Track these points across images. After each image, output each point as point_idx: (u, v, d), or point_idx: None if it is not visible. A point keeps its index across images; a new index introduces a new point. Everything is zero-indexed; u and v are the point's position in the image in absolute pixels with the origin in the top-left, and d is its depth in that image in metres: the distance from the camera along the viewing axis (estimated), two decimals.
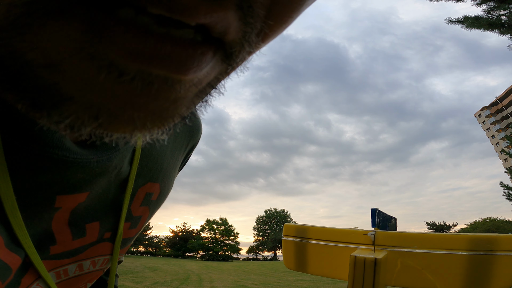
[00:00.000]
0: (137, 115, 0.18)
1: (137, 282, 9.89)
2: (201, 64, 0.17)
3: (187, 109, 0.21)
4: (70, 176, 0.29)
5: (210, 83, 0.21)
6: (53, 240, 0.32)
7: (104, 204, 0.36)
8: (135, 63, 0.15)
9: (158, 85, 0.17)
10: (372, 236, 1.29)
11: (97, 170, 0.31)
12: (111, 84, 0.16)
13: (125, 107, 0.17)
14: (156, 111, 0.18)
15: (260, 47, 0.21)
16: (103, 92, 0.16)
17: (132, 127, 0.18)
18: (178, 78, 0.17)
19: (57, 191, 0.30)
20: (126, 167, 0.37)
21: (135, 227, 0.43)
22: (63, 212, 0.32)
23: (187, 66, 0.17)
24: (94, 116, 0.17)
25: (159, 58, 0.16)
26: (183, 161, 0.53)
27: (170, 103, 0.19)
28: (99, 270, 0.41)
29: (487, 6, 8.50)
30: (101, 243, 0.38)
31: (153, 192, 0.43)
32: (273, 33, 0.21)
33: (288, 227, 1.43)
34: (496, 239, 1.16)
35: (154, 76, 0.16)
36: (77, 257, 0.36)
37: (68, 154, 0.28)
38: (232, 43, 0.18)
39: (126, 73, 0.16)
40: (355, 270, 1.20)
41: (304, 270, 1.43)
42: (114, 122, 0.17)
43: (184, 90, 0.18)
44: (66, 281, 0.37)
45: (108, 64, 0.15)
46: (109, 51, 0.15)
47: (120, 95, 0.16)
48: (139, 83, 0.16)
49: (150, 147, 0.40)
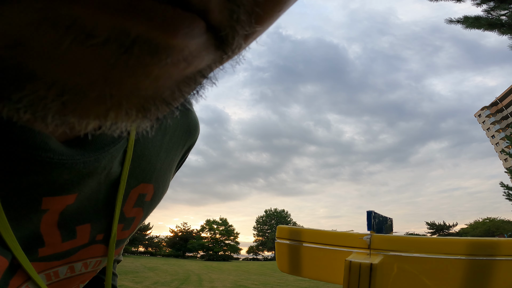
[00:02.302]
0: (110, 92, 0.14)
1: (137, 282, 9.89)
2: (193, 29, 0.14)
3: (172, 94, 0.17)
4: (55, 177, 0.29)
5: (201, 71, 0.18)
6: (42, 242, 0.32)
7: (95, 206, 0.35)
8: (107, 17, 0.12)
9: (139, 52, 0.13)
10: (368, 240, 1.22)
11: (84, 171, 0.30)
12: (78, 51, 0.12)
13: (96, 82, 0.14)
14: (133, 89, 0.15)
15: (258, 32, 0.18)
16: (69, 64, 0.13)
17: (104, 107, 0.15)
18: (165, 43, 0.13)
19: (43, 193, 0.29)
20: (117, 167, 0.35)
21: (129, 229, 0.43)
22: (51, 214, 0.31)
23: (176, 25, 0.13)
24: (58, 93, 0.14)
25: (139, 10, 0.12)
26: (180, 161, 0.52)
27: (151, 81, 0.15)
28: (92, 271, 0.41)
29: (487, 6, 8.48)
30: (93, 245, 0.38)
31: (146, 193, 0.42)
32: (268, 14, 0.17)
33: (282, 229, 1.39)
34: (497, 243, 1.09)
35: (134, 37, 0.13)
36: (68, 259, 0.36)
37: (52, 155, 0.27)
38: (220, 25, 0.15)
39: (95, 33, 0.12)
40: (350, 275, 1.14)
41: (298, 273, 1.39)
42: (81, 100, 0.14)
43: (171, 64, 0.15)
44: (57, 283, 0.37)
45: (71, 25, 0.12)
46: (72, 7, 0.12)
47: (89, 67, 0.13)
48: (114, 47, 0.13)
49: (142, 147, 0.39)
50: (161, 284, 9.72)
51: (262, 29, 0.18)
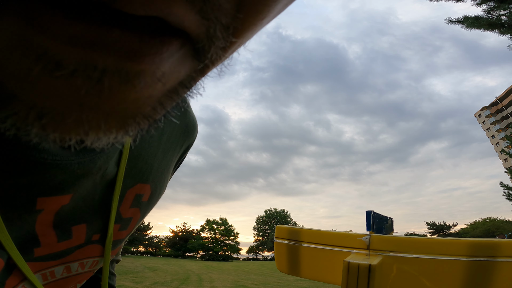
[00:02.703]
0: (87, 117, 0.15)
1: (137, 282, 9.89)
2: (162, 53, 0.14)
3: (153, 110, 0.17)
4: (50, 178, 0.29)
5: (182, 82, 0.18)
6: (37, 242, 0.32)
7: (91, 206, 0.36)
8: (74, 50, 0.13)
9: (110, 82, 0.14)
10: (367, 240, 1.20)
11: (79, 171, 0.30)
12: (49, 80, 0.13)
13: (71, 107, 0.14)
14: (111, 111, 0.15)
15: (237, 43, 0.18)
16: (43, 90, 0.13)
17: (83, 129, 0.15)
18: (135, 70, 0.14)
19: (37, 193, 0.29)
20: (113, 168, 0.36)
21: (126, 229, 0.43)
22: (47, 214, 0.31)
23: (141, 53, 0.14)
24: (38, 116, 0.14)
25: (106, 44, 0.13)
26: (178, 161, 0.52)
27: (130, 103, 0.15)
28: (89, 271, 0.41)
29: (487, 6, 8.47)
30: (89, 245, 0.38)
31: (143, 193, 0.42)
32: (247, 28, 0.18)
33: (280, 229, 1.38)
34: (498, 244, 1.07)
35: (101, 70, 0.13)
36: (64, 259, 0.36)
37: (46, 155, 0.27)
38: (197, 37, 0.16)
39: (63, 65, 0.13)
40: (348, 277, 1.11)
41: (297, 273, 1.37)
42: (60, 124, 0.15)
43: (146, 87, 0.15)
44: (54, 283, 0.37)
45: (41, 55, 0.12)
46: (43, 38, 0.12)
47: (63, 93, 0.14)
48: (82, 80, 0.13)
49: (139, 148, 0.39)
50: (161, 284, 9.72)
51: (242, 41, 0.18)
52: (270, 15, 0.18)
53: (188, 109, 0.48)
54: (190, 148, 0.53)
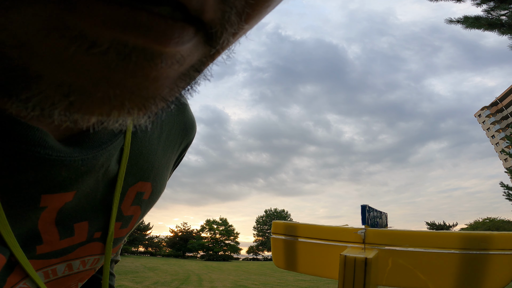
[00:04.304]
0: (113, 93, 0.16)
1: (137, 282, 9.88)
2: (183, 37, 0.16)
3: (170, 91, 0.19)
4: (54, 174, 0.29)
5: (194, 66, 0.19)
6: (40, 239, 0.32)
7: (93, 204, 0.35)
8: (108, 31, 0.14)
9: (136, 59, 0.15)
10: (362, 234, 1.23)
11: (82, 168, 0.31)
12: (82, 58, 0.14)
13: (99, 83, 0.15)
14: (134, 90, 0.17)
15: (245, 29, 0.20)
16: (74, 68, 0.15)
17: (108, 106, 0.17)
18: (159, 51, 0.16)
19: (41, 190, 0.29)
20: (114, 165, 0.36)
21: (127, 227, 0.43)
22: (50, 212, 0.31)
23: (167, 36, 0.15)
24: (65, 94, 0.15)
25: (136, 26, 0.14)
26: (177, 160, 0.52)
27: (151, 82, 0.17)
28: (90, 269, 0.41)
29: (487, 6, 8.47)
30: (91, 243, 0.38)
31: (144, 191, 0.42)
32: (257, 13, 0.19)
33: (277, 225, 1.38)
34: (490, 237, 1.09)
35: (131, 48, 0.15)
36: (66, 256, 0.36)
37: (51, 152, 0.27)
38: (211, 23, 0.17)
39: (98, 44, 0.14)
40: (345, 270, 1.12)
41: (294, 269, 1.38)
42: (87, 100, 0.16)
43: (166, 67, 0.17)
44: (55, 281, 0.37)
45: (77, 35, 0.14)
46: (79, 21, 0.14)
47: (93, 70, 0.15)
48: (114, 55, 0.15)
49: (140, 145, 0.39)
50: (161, 284, 9.71)
51: (250, 27, 0.20)
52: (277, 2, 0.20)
53: (186, 108, 0.49)
54: (189, 147, 0.54)
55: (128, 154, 0.37)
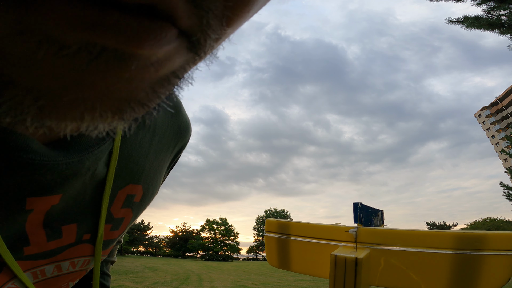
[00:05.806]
0: (83, 95, 0.15)
1: (137, 282, 9.90)
2: (160, 39, 0.15)
3: (147, 95, 0.18)
4: (38, 178, 0.29)
5: (175, 72, 0.18)
6: (27, 241, 0.32)
7: (81, 206, 0.36)
8: (76, 32, 0.13)
9: (107, 60, 0.14)
10: (354, 233, 1.21)
11: (67, 172, 0.31)
12: (52, 61, 0.14)
13: (70, 86, 0.15)
14: (106, 92, 0.16)
15: (228, 33, 0.19)
16: (43, 71, 0.14)
17: (79, 110, 0.16)
18: (131, 52, 0.14)
19: (27, 193, 0.29)
20: (103, 168, 0.36)
21: (118, 229, 0.43)
22: (37, 214, 0.32)
23: (140, 37, 0.14)
24: (35, 98, 0.15)
25: (106, 26, 0.13)
26: (171, 162, 0.52)
27: (123, 84, 0.16)
28: (81, 270, 0.41)
29: (487, 6, 8.47)
30: (80, 244, 0.38)
31: (135, 194, 0.42)
32: (238, 16, 0.18)
33: (270, 223, 1.36)
34: (484, 237, 1.08)
35: (101, 49, 0.14)
36: (54, 258, 0.36)
37: (34, 156, 0.28)
38: (190, 30, 0.16)
39: (67, 46, 0.13)
40: (336, 270, 1.12)
41: (287, 267, 1.36)
42: (57, 104, 0.15)
43: (139, 69, 0.15)
44: (44, 281, 0.37)
45: (44, 38, 0.13)
46: (44, 22, 0.13)
47: (63, 73, 0.14)
48: (84, 57, 0.14)
49: (129, 149, 0.39)
50: (161, 284, 9.73)
51: (233, 30, 0.19)
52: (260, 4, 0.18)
53: (180, 110, 0.48)
54: (184, 149, 0.53)
55: (117, 157, 0.37)
